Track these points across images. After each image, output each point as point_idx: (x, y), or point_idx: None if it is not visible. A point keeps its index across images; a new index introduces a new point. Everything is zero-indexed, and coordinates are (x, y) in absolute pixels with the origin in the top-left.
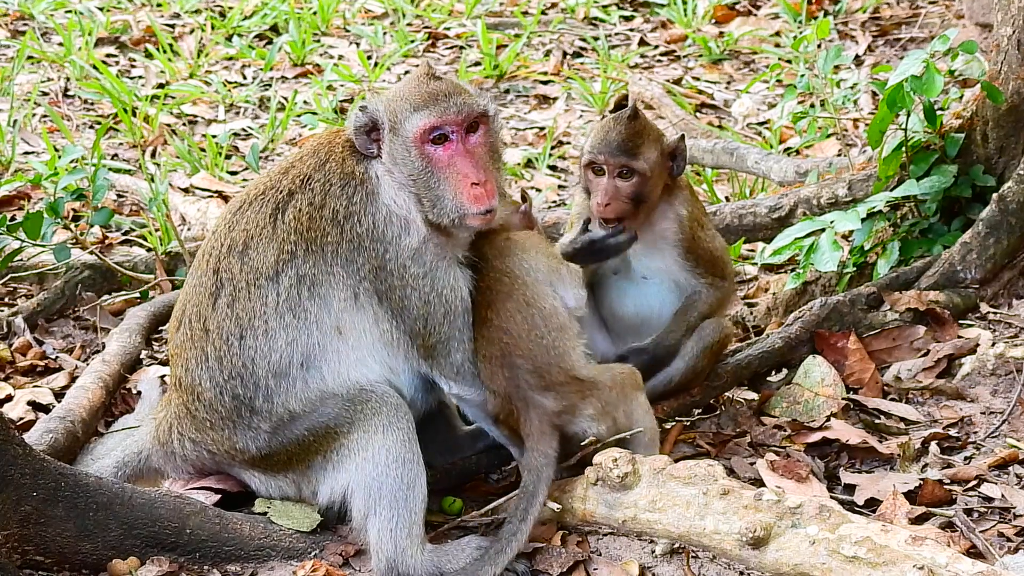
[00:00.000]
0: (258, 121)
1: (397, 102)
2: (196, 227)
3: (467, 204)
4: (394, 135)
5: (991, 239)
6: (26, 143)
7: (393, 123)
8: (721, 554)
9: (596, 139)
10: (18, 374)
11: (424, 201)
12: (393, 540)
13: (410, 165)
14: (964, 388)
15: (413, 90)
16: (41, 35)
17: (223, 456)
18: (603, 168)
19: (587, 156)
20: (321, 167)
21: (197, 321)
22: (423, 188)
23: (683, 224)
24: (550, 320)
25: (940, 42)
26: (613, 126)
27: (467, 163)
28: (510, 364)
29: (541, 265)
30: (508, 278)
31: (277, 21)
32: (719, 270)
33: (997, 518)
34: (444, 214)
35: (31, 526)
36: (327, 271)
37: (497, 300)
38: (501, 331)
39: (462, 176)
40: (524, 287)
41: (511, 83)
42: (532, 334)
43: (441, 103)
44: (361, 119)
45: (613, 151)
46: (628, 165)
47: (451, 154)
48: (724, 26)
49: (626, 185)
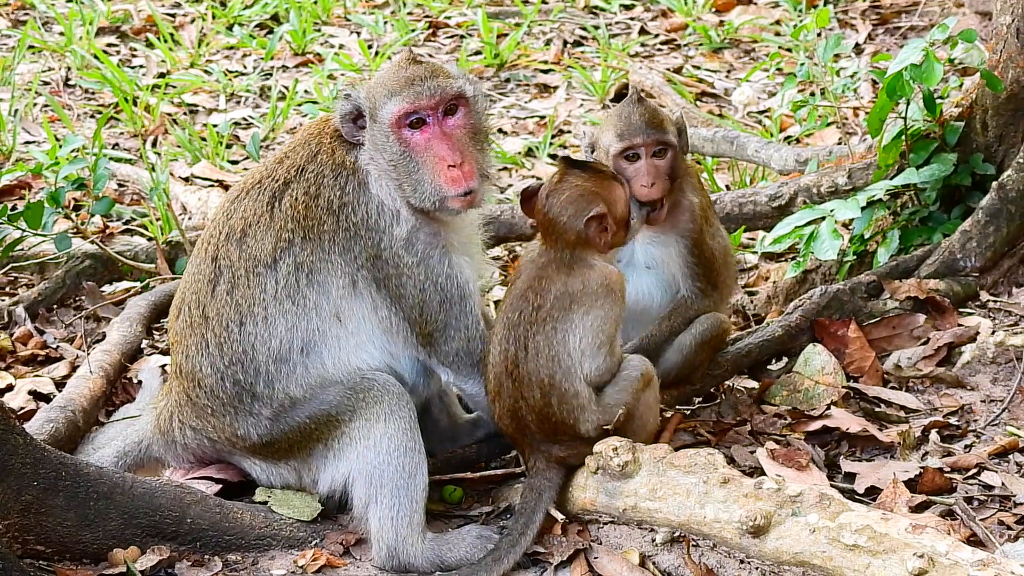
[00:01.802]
0: (259, 110)
1: (376, 88)
2: (197, 216)
3: (445, 187)
4: (374, 122)
5: (991, 227)
6: (27, 132)
7: (372, 110)
8: (721, 542)
9: (621, 126)
10: (19, 363)
11: (405, 187)
12: (394, 529)
13: (389, 151)
14: (964, 376)
15: (390, 75)
16: (42, 24)
17: (224, 444)
18: (638, 152)
19: (619, 145)
20: (313, 158)
21: (196, 308)
22: (403, 174)
23: (695, 213)
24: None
25: (940, 30)
26: (631, 110)
27: (444, 146)
28: (520, 421)
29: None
30: (543, 315)
31: (278, 10)
32: (713, 276)
33: (997, 506)
34: (425, 198)
35: (32, 516)
36: (325, 259)
37: (520, 342)
38: (510, 378)
39: (439, 159)
40: (553, 335)
41: (512, 72)
42: (543, 402)
43: (416, 87)
44: (345, 107)
45: (646, 130)
46: (662, 140)
47: (428, 138)
48: (724, 15)
49: (663, 162)
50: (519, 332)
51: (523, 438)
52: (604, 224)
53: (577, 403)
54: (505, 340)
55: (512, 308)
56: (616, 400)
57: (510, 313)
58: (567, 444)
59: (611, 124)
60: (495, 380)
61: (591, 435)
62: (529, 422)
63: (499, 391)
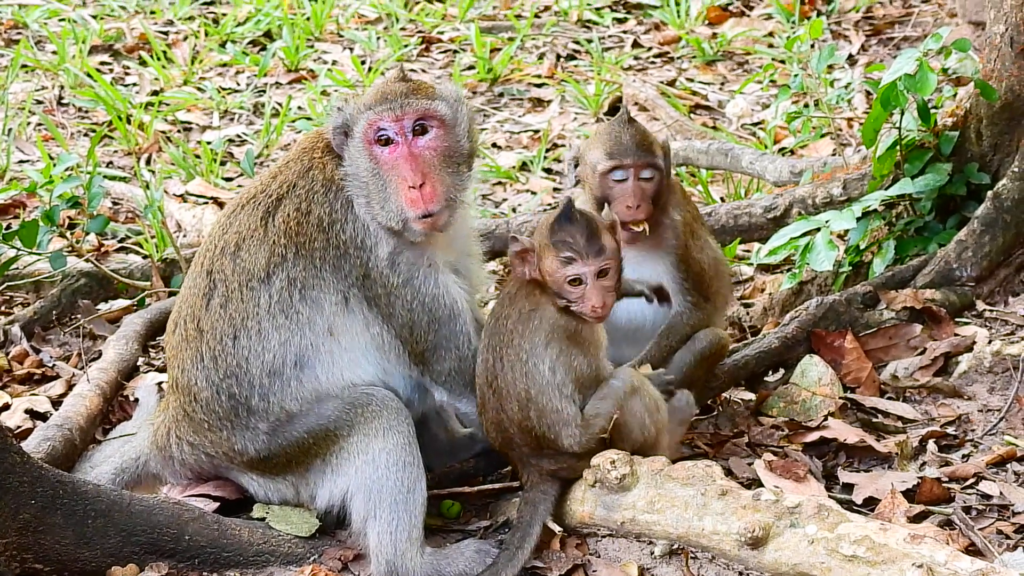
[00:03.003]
0: (253, 127)
1: (358, 102)
2: (192, 234)
3: (405, 207)
4: (351, 137)
5: (986, 236)
6: (21, 152)
7: (350, 123)
8: (720, 554)
9: (610, 145)
10: (15, 382)
11: (374, 205)
12: (393, 544)
13: (362, 167)
14: (961, 386)
15: (372, 90)
16: (35, 43)
17: (221, 459)
18: (625, 172)
19: (606, 163)
20: (305, 173)
21: (192, 322)
22: (372, 191)
23: (677, 231)
24: (542, 402)
25: (933, 40)
26: (621, 130)
27: (407, 166)
28: (505, 433)
29: (553, 357)
30: (510, 327)
31: (271, 27)
32: (704, 288)
33: (995, 515)
34: (390, 218)
35: (30, 534)
36: (317, 275)
37: (496, 352)
38: (491, 389)
39: (400, 179)
40: (521, 349)
41: (505, 86)
42: (522, 415)
43: (387, 103)
44: (336, 119)
45: (635, 151)
46: (651, 163)
47: (395, 156)
48: (717, 27)
49: (649, 185)
50: (496, 342)
51: (512, 452)
52: (525, 258)
53: (558, 417)
54: (486, 350)
55: (493, 315)
56: (597, 411)
57: (491, 321)
58: (554, 457)
59: (600, 142)
60: (480, 392)
61: (575, 449)
62: (513, 435)
63: (483, 403)
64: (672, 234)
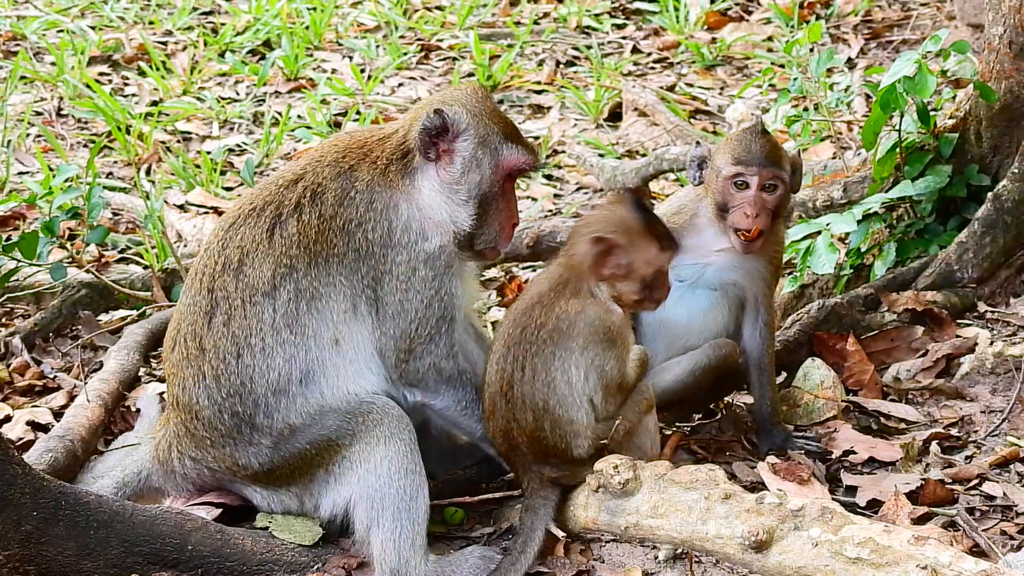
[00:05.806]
0: (252, 136)
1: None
2: (192, 244)
3: (501, 240)
4: (483, 149)
5: (987, 238)
6: (20, 163)
7: (485, 139)
8: (724, 558)
9: (739, 151)
10: (16, 394)
11: (469, 219)
12: (397, 551)
13: (483, 186)
14: (963, 387)
15: (509, 123)
16: (34, 55)
17: (224, 473)
18: (747, 182)
19: (732, 169)
20: (346, 174)
21: (193, 340)
22: (479, 209)
23: (783, 245)
24: (558, 413)
25: (932, 43)
26: (752, 138)
27: (514, 203)
28: (512, 441)
29: (589, 363)
30: (544, 336)
31: (270, 36)
32: (773, 307)
33: (999, 516)
34: (483, 240)
35: (32, 545)
36: (329, 282)
37: (518, 362)
38: (504, 398)
39: (509, 213)
40: (552, 360)
41: (505, 93)
42: (535, 425)
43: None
44: (434, 121)
45: (763, 162)
46: (777, 176)
47: (509, 191)
48: (716, 32)
49: (771, 198)
50: (518, 351)
51: (515, 458)
52: (610, 254)
53: (571, 429)
54: (503, 359)
55: (515, 324)
56: (618, 418)
57: (512, 330)
58: (557, 465)
59: (729, 147)
60: (489, 399)
61: (583, 458)
62: (520, 443)
63: (493, 410)
64: (772, 249)
